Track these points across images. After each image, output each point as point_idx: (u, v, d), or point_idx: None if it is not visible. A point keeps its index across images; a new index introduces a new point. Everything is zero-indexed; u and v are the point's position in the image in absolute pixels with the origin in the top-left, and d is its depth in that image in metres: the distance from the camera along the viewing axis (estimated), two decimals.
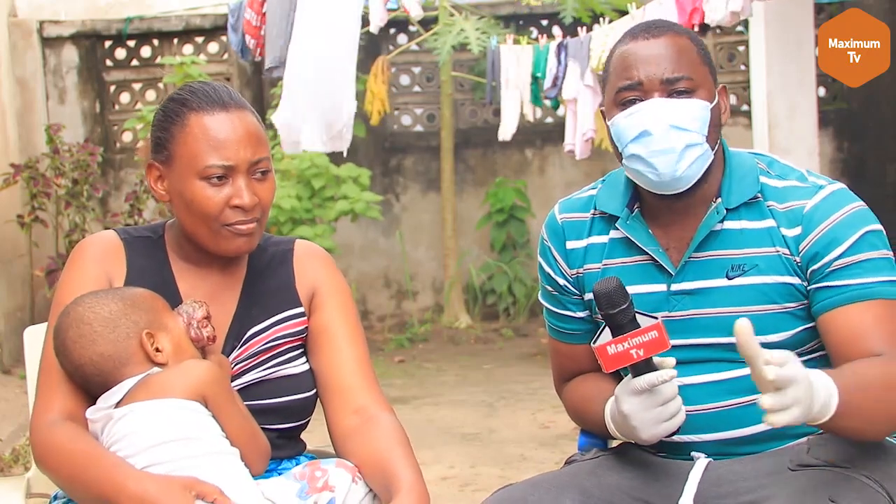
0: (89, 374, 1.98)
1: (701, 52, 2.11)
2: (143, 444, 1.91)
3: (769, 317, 2.07)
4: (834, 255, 2.03)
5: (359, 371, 2.14)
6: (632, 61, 2.07)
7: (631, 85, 2.07)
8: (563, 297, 2.27)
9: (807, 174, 2.14)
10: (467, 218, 8.63)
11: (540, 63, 6.74)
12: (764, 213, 2.10)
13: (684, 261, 2.11)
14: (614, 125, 2.09)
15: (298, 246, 2.22)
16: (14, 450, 5.08)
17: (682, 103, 2.05)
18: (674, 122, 2.03)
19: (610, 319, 1.97)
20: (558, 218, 2.27)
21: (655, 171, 2.05)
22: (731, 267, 2.09)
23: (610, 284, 1.96)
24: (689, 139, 2.04)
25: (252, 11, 6.94)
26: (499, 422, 5.70)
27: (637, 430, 2.01)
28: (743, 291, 2.08)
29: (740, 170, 2.14)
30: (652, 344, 1.94)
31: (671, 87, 2.05)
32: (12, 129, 8.17)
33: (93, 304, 1.99)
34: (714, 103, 2.08)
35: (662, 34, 2.08)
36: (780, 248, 2.07)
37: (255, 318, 2.13)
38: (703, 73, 2.08)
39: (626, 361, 1.96)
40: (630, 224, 2.16)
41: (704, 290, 2.10)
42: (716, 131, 2.09)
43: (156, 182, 2.10)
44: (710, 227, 2.10)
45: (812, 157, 6.31)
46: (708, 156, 2.07)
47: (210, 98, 2.06)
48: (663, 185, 2.07)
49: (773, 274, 2.07)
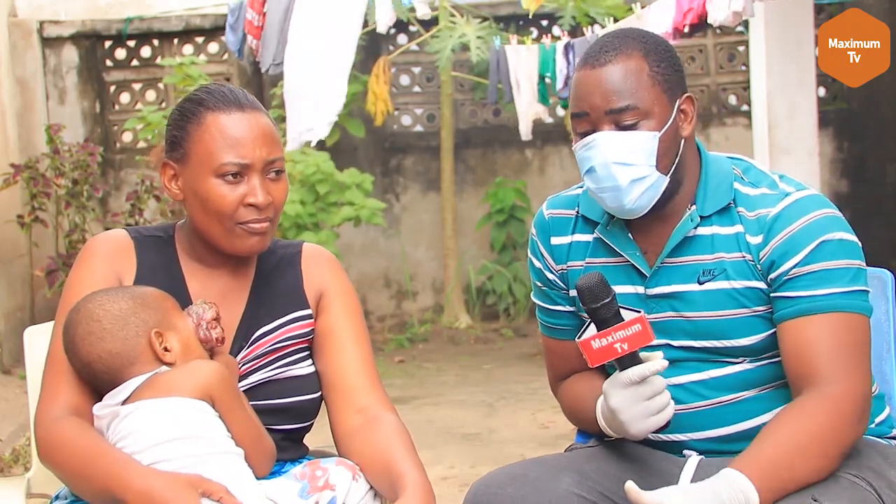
0: (97, 371, 1.98)
1: (655, 69, 2.07)
2: (149, 442, 1.91)
3: (740, 320, 2.08)
4: (790, 264, 2.03)
5: (363, 371, 2.15)
6: (581, 91, 2.08)
7: (579, 114, 2.08)
8: (552, 292, 2.29)
9: (779, 181, 2.13)
10: (467, 218, 8.63)
11: (547, 63, 6.75)
12: (734, 220, 2.11)
13: (657, 266, 2.13)
14: (576, 153, 2.12)
15: (306, 249, 2.24)
16: (14, 450, 5.07)
17: (626, 138, 2.04)
18: (616, 160, 2.04)
19: (593, 314, 1.98)
20: (545, 214, 2.30)
21: (605, 203, 2.10)
22: (702, 272, 2.10)
23: (592, 279, 1.98)
24: (634, 174, 2.05)
25: (253, 12, 6.94)
26: (499, 422, 5.71)
27: (626, 425, 2.02)
28: (714, 295, 2.09)
29: (716, 177, 2.14)
30: (636, 337, 1.95)
31: (616, 117, 2.04)
32: (12, 129, 8.17)
33: (103, 301, 1.99)
34: (665, 128, 2.06)
35: (610, 60, 2.05)
36: (745, 254, 2.08)
37: (263, 319, 2.14)
38: (652, 97, 2.05)
39: (610, 356, 1.97)
40: (610, 230, 2.18)
41: (678, 293, 2.11)
42: (667, 156, 2.07)
43: (170, 181, 2.11)
44: (684, 234, 2.11)
45: (812, 157, 6.31)
46: (660, 183, 2.07)
47: (227, 98, 2.08)
48: (621, 213, 2.11)
49: (741, 279, 2.08)
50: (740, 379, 2.10)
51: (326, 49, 6.51)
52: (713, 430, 2.12)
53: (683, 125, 2.11)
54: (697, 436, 2.13)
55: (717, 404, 2.11)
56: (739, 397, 2.10)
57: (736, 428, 2.11)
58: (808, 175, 6.12)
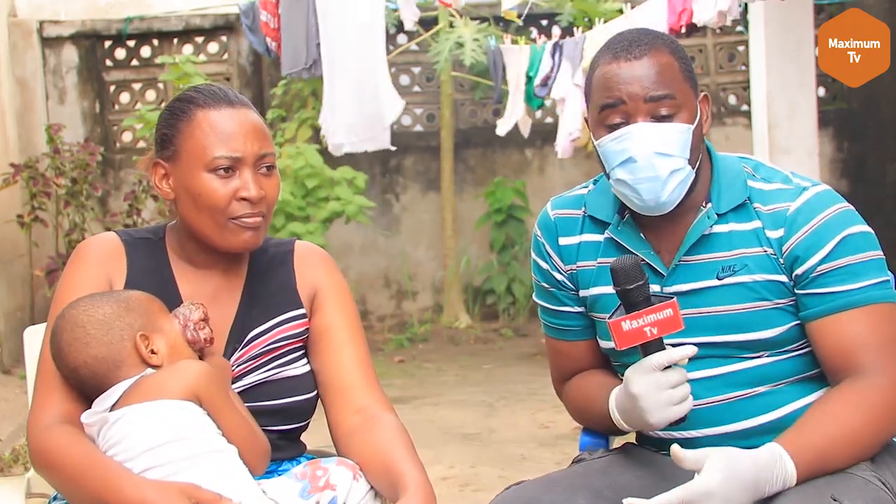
0: (84, 377, 1.97)
1: (683, 65, 2.10)
2: (140, 448, 1.90)
3: (760, 313, 2.09)
4: (815, 259, 2.05)
5: (360, 371, 2.14)
6: (614, 82, 2.06)
7: (614, 104, 2.06)
8: (560, 293, 2.27)
9: (791, 176, 2.15)
10: (467, 218, 8.63)
11: (535, 63, 6.76)
12: (751, 216, 2.12)
13: (675, 264, 2.13)
14: (601, 147, 2.10)
15: (299, 247, 2.23)
16: (14, 450, 5.07)
17: (666, 129, 2.05)
18: (658, 150, 2.04)
19: (625, 296, 1.97)
20: (551, 214, 2.29)
21: (640, 196, 2.08)
22: (721, 269, 2.11)
23: (628, 261, 1.98)
24: (674, 165, 2.05)
25: (267, 13, 6.93)
26: (499, 422, 5.70)
27: (646, 413, 2.01)
28: (733, 290, 2.09)
29: (728, 175, 2.15)
30: (666, 322, 1.95)
31: (654, 106, 2.04)
32: (12, 129, 8.17)
33: (87, 306, 1.99)
34: (696, 122, 2.08)
35: (644, 53, 2.06)
36: (766, 249, 2.09)
37: (256, 319, 2.13)
38: (685, 91, 2.08)
39: (639, 339, 1.96)
40: (621, 230, 2.18)
41: (696, 290, 2.12)
42: (697, 149, 2.10)
43: (161, 180, 2.11)
44: (701, 232, 2.12)
45: (812, 157, 6.31)
46: (690, 177, 2.09)
47: (216, 95, 2.08)
48: (647, 209, 2.10)
49: (762, 272, 2.09)
50: (758, 374, 2.10)
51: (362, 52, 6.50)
52: (728, 426, 2.11)
53: (704, 123, 2.13)
54: (712, 431, 2.12)
55: (733, 399, 2.11)
56: (756, 392, 2.10)
57: (751, 423, 2.11)
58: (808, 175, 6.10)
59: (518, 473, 4.37)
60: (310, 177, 7.52)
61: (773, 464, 1.91)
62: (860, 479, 1.98)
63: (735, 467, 1.88)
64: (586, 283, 2.22)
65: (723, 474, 1.87)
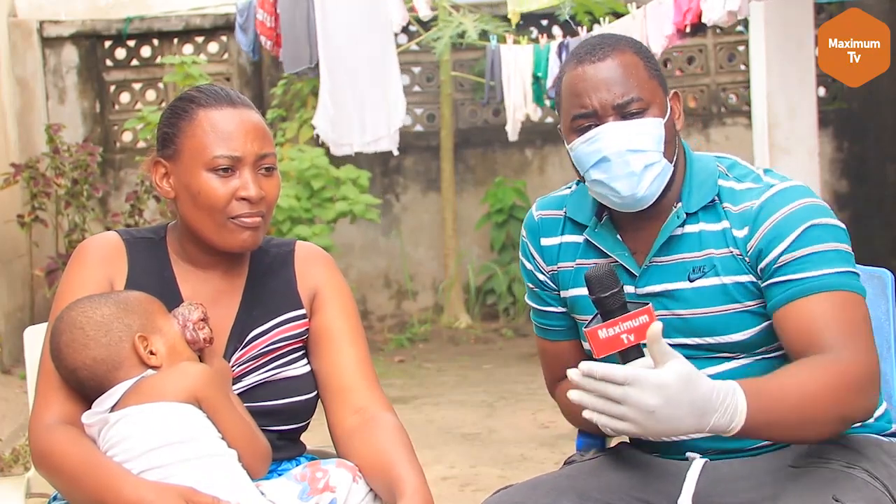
0: (83, 379, 1.97)
1: (648, 64, 2.11)
2: (139, 449, 1.90)
3: (731, 316, 2.08)
4: (778, 250, 2.03)
5: (360, 371, 2.14)
6: (582, 88, 2.07)
7: (585, 113, 2.07)
8: (544, 293, 2.29)
9: (763, 175, 2.14)
10: (467, 218, 8.63)
11: (540, 62, 6.76)
12: (720, 216, 2.11)
13: (646, 265, 2.13)
14: (574, 151, 2.11)
15: (299, 248, 2.23)
16: (14, 450, 5.07)
17: (636, 125, 2.05)
18: (630, 146, 2.05)
19: (600, 304, 1.96)
20: (535, 215, 2.30)
21: (618, 193, 2.08)
22: (692, 269, 2.11)
23: (601, 269, 1.97)
24: (647, 159, 2.06)
25: (264, 12, 6.92)
26: (499, 422, 5.71)
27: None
28: (704, 292, 2.09)
29: (700, 174, 2.15)
30: (643, 328, 1.92)
31: (623, 110, 2.05)
32: (12, 129, 8.17)
33: (86, 308, 1.99)
34: (667, 117, 2.09)
35: (608, 55, 2.08)
36: (732, 249, 2.09)
37: (256, 320, 2.13)
38: (652, 88, 2.08)
39: (617, 346, 1.94)
40: (598, 232, 2.19)
41: (668, 292, 2.12)
42: (671, 144, 2.10)
43: (161, 179, 2.11)
44: (671, 232, 2.12)
45: (812, 157, 6.31)
46: (667, 170, 2.09)
47: (218, 95, 2.09)
48: (626, 205, 2.10)
49: (731, 274, 2.08)
50: (738, 375, 2.09)
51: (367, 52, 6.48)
52: None
53: (676, 119, 2.14)
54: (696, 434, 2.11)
55: None
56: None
57: None
58: (809, 175, 6.12)
59: (518, 473, 4.37)
60: (315, 177, 7.53)
61: (727, 394, 1.84)
62: (861, 479, 1.97)
63: (693, 380, 1.81)
64: (566, 284, 2.23)
65: (680, 379, 1.79)
